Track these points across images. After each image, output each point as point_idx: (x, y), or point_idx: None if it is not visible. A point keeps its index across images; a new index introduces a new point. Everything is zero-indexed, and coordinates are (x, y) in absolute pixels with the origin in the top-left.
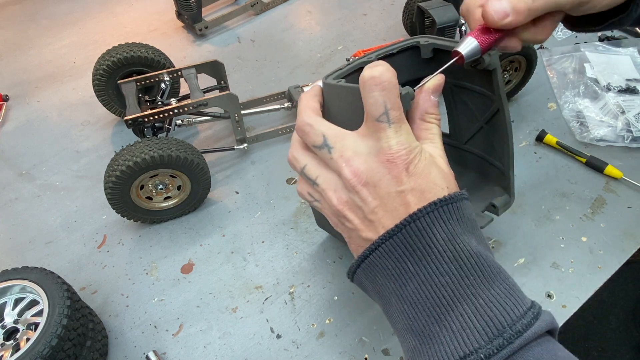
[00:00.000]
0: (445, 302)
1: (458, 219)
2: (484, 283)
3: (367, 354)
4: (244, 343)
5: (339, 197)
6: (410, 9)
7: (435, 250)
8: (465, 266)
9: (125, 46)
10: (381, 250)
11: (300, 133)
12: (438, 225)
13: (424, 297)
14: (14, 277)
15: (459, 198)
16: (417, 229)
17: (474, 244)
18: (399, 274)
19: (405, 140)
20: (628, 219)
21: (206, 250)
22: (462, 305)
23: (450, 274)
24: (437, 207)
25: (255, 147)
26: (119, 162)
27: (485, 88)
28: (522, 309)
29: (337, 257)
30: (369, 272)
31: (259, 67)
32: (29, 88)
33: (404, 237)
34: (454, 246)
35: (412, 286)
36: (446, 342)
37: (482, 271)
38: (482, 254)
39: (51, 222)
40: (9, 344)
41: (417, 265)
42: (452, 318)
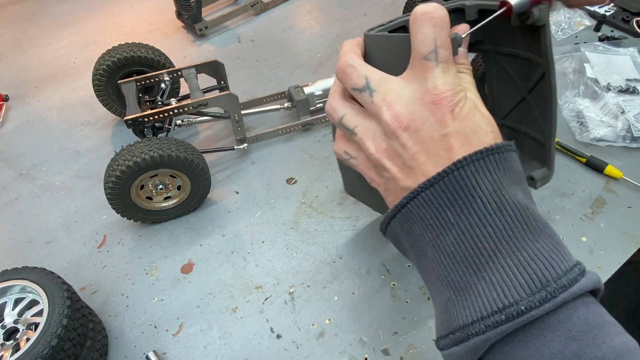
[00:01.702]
0: (486, 254)
1: (504, 169)
2: (529, 236)
3: (367, 354)
4: (244, 343)
5: (378, 145)
6: (410, 9)
7: (479, 200)
8: (510, 218)
9: (125, 46)
10: (420, 199)
11: (341, 75)
12: (483, 175)
13: (464, 248)
14: (14, 277)
15: (506, 149)
16: (461, 177)
17: (520, 196)
18: (438, 224)
19: (452, 81)
20: (628, 219)
21: (206, 250)
22: (504, 257)
23: (493, 225)
24: (483, 155)
25: (255, 147)
26: (119, 162)
27: (531, 50)
28: (568, 264)
29: (337, 257)
30: (405, 222)
31: (259, 67)
32: (29, 88)
33: (445, 185)
34: (498, 197)
35: (451, 237)
36: (484, 293)
37: (527, 224)
38: (528, 206)
39: (51, 222)
40: (9, 344)
41: (458, 216)
42: (492, 270)
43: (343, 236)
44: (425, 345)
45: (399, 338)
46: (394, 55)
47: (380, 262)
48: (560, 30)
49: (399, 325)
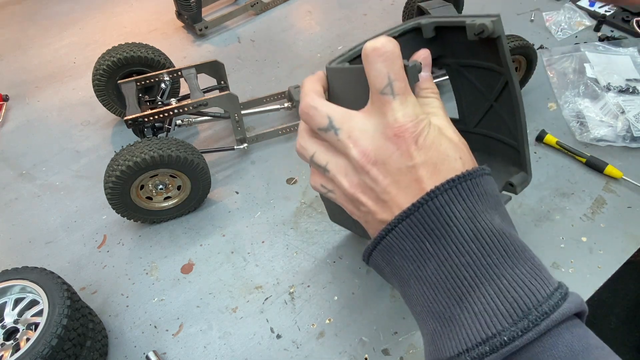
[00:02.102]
0: (466, 283)
1: (479, 195)
2: (508, 262)
3: (367, 354)
4: (244, 343)
5: (350, 181)
6: (410, 9)
7: (455, 229)
8: (487, 245)
9: (125, 46)
10: (398, 231)
11: (304, 117)
12: (457, 203)
13: (444, 278)
14: (14, 277)
15: (479, 173)
16: (435, 207)
17: (497, 221)
18: (417, 254)
19: (411, 112)
20: (628, 219)
21: (206, 250)
22: (484, 286)
23: (471, 254)
24: (455, 183)
25: (255, 147)
26: (119, 162)
27: (491, 61)
28: (549, 289)
29: (337, 257)
30: (385, 253)
31: (259, 67)
32: (29, 88)
33: (421, 216)
34: (474, 224)
35: (431, 267)
36: (467, 324)
37: (505, 250)
38: (505, 231)
39: (51, 222)
40: (9, 344)
41: (435, 246)
42: (473, 299)
43: (343, 236)
44: None
45: (399, 338)
46: (355, 86)
47: None
48: (560, 30)
49: (399, 325)
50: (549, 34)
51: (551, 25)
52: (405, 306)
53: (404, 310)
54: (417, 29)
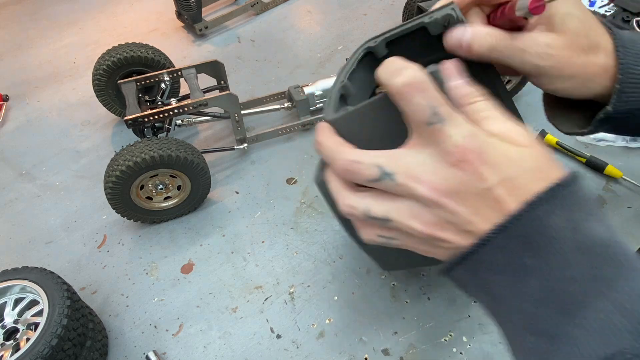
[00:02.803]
0: (577, 299)
1: (577, 202)
2: (620, 274)
3: (367, 354)
4: (244, 343)
5: (424, 221)
6: (410, 9)
7: (557, 241)
8: (594, 256)
9: (125, 46)
10: (492, 246)
11: (348, 175)
12: (558, 213)
13: (550, 293)
14: (14, 277)
15: (572, 179)
16: (534, 218)
17: (600, 229)
18: (514, 269)
19: (467, 131)
20: (628, 219)
21: (206, 250)
22: (596, 300)
23: (579, 267)
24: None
25: (255, 147)
26: (119, 162)
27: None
28: None
29: (337, 257)
30: (473, 269)
31: (259, 67)
32: (29, 88)
33: (519, 228)
34: (576, 235)
35: (533, 282)
36: (583, 342)
37: (614, 261)
38: (612, 240)
39: (51, 222)
40: (9, 344)
41: (536, 260)
42: (587, 316)
43: (343, 236)
44: (425, 345)
45: (399, 338)
46: (381, 124)
47: None
48: None
49: (399, 325)
50: None
51: None
52: (405, 306)
53: (404, 310)
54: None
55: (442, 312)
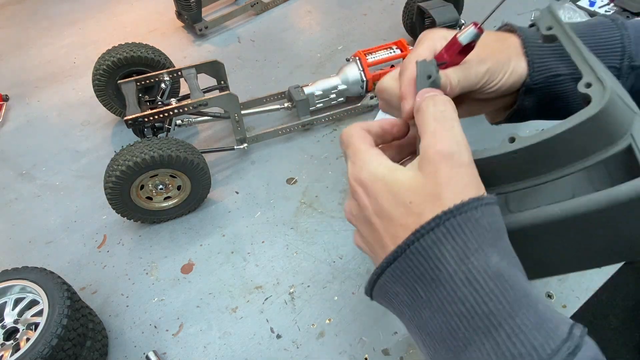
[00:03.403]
0: (462, 336)
1: (471, 231)
2: (506, 310)
3: (367, 354)
4: (244, 343)
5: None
6: (410, 9)
7: (445, 272)
8: (482, 290)
9: (125, 46)
10: (388, 275)
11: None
12: (446, 242)
13: (439, 327)
14: (14, 277)
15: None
16: (422, 248)
17: (494, 260)
18: (411, 300)
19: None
20: None
21: (206, 250)
22: (480, 339)
23: (464, 301)
24: (442, 220)
25: (255, 147)
26: (119, 162)
27: None
28: (555, 343)
29: (337, 257)
30: (383, 296)
31: (259, 67)
32: (29, 88)
33: (409, 259)
34: (466, 266)
35: (426, 314)
36: None
37: (503, 296)
38: (503, 273)
39: (51, 222)
40: (9, 344)
41: (427, 292)
42: (471, 355)
43: (343, 236)
44: None
45: (399, 338)
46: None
47: None
48: None
49: (399, 325)
50: None
51: None
52: None
53: None
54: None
55: None
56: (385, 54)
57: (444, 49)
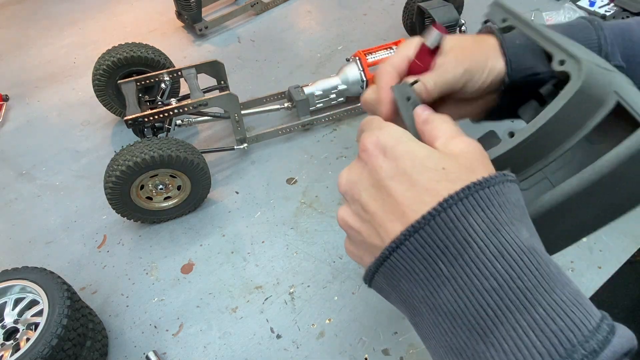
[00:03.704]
0: (492, 313)
1: (501, 205)
2: (543, 286)
3: (367, 354)
4: (244, 343)
5: (347, 213)
6: (410, 9)
7: (475, 245)
8: (516, 264)
9: (125, 46)
10: (404, 249)
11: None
12: (476, 214)
13: (464, 306)
14: (14, 277)
15: (500, 180)
16: (450, 219)
17: (525, 235)
18: (428, 278)
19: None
20: (628, 219)
21: (206, 250)
22: (514, 316)
23: (496, 276)
24: (472, 191)
25: (255, 147)
26: (119, 162)
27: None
28: (595, 320)
29: (337, 257)
30: (390, 276)
31: (259, 67)
32: (29, 88)
33: (432, 230)
34: (498, 239)
35: (446, 293)
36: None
37: (538, 270)
38: (535, 248)
39: (51, 222)
40: (9, 344)
41: (452, 266)
42: (502, 334)
43: (343, 236)
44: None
45: (399, 338)
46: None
47: None
48: None
49: (399, 325)
50: None
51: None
52: None
53: None
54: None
55: None
56: (385, 54)
57: (416, 57)
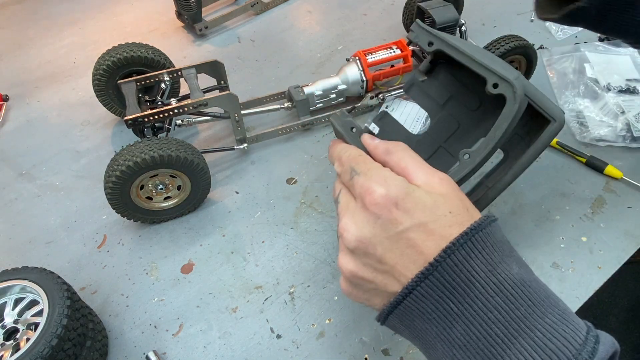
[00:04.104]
0: (500, 341)
1: (493, 245)
2: (537, 312)
3: (367, 354)
4: (244, 343)
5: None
6: (410, 9)
7: (478, 284)
8: (512, 297)
9: (125, 46)
10: (417, 293)
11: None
12: (474, 257)
13: (475, 338)
14: (14, 277)
15: (488, 222)
16: (454, 263)
17: (515, 270)
18: (441, 316)
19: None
20: (628, 219)
21: (206, 250)
22: (518, 341)
23: (499, 309)
24: (469, 236)
25: (255, 147)
26: (119, 162)
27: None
28: (582, 334)
29: (337, 257)
30: (404, 317)
31: (259, 67)
32: (29, 88)
33: (440, 275)
34: (496, 277)
35: (459, 328)
36: None
37: (531, 300)
38: (525, 280)
39: (51, 222)
40: (9, 344)
41: (460, 305)
42: (510, 357)
43: None
44: None
45: (399, 338)
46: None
47: None
48: (560, 30)
49: None
50: (549, 34)
51: (551, 25)
52: None
53: None
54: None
55: None
56: (385, 54)
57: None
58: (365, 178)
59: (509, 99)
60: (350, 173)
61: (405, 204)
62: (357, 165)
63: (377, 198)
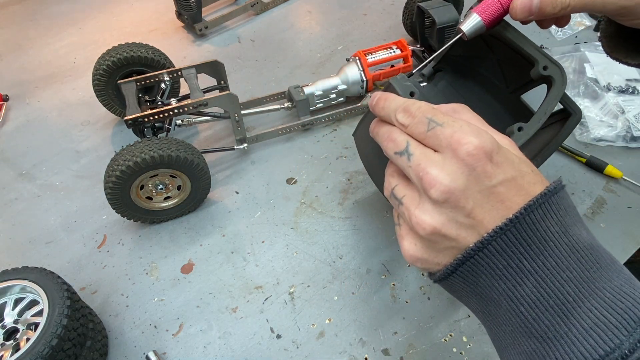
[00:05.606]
0: (570, 299)
1: (566, 208)
2: (605, 275)
3: (367, 354)
4: (244, 343)
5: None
6: (410, 9)
7: (552, 244)
8: (584, 259)
9: (125, 46)
10: (491, 249)
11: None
12: (551, 217)
13: (546, 295)
14: (14, 277)
15: (561, 186)
16: (532, 222)
17: (585, 234)
18: (512, 272)
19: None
20: (628, 219)
21: (206, 250)
22: (589, 300)
23: (571, 269)
24: (547, 197)
25: (255, 147)
26: (119, 162)
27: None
28: None
29: (337, 257)
30: (469, 274)
31: (259, 67)
32: (29, 88)
33: (518, 231)
34: (568, 239)
35: (529, 285)
36: (579, 341)
37: (599, 263)
38: (593, 245)
39: (51, 222)
40: (9, 344)
41: (534, 262)
42: (580, 315)
43: (343, 236)
44: (425, 346)
45: (399, 338)
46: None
47: (380, 262)
48: (560, 30)
49: (399, 325)
50: (549, 34)
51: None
52: (405, 306)
53: (404, 310)
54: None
55: (442, 312)
56: (385, 54)
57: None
58: (454, 129)
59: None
60: (429, 124)
61: (498, 158)
62: (435, 116)
63: (472, 150)
